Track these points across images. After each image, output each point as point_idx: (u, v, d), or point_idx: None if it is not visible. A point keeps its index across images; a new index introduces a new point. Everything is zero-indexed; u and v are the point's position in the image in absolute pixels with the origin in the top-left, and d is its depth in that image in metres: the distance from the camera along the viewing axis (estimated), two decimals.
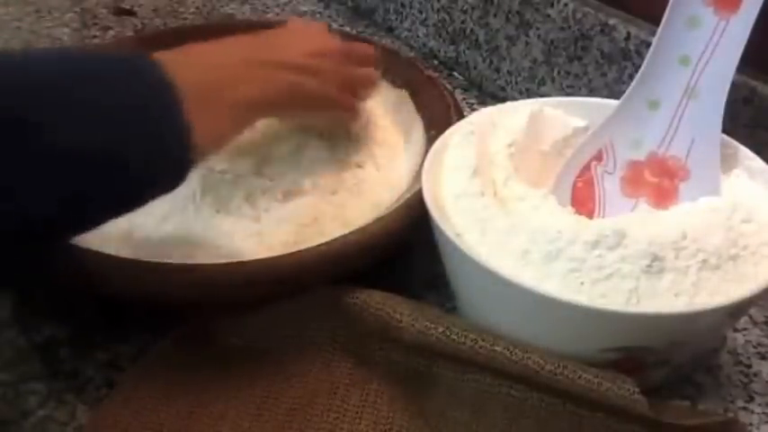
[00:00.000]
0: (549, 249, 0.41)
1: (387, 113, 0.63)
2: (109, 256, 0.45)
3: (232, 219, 0.52)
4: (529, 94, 0.69)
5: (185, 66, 0.41)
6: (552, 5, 0.64)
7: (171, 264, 0.46)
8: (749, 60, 0.45)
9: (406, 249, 0.52)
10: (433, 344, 0.43)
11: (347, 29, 0.84)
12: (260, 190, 0.53)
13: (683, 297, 0.40)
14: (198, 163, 0.41)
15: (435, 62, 0.79)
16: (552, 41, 0.65)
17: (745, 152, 0.48)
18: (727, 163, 0.48)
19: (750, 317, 0.51)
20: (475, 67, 0.75)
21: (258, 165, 0.54)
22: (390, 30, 0.84)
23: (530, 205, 0.46)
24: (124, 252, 0.47)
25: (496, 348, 0.42)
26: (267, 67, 0.48)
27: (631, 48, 0.59)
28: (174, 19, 0.87)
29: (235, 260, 0.46)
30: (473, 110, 0.67)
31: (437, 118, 0.58)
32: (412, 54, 0.80)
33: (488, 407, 0.43)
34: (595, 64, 0.62)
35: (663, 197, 0.49)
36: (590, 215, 0.50)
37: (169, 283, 0.45)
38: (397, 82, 0.64)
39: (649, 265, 0.40)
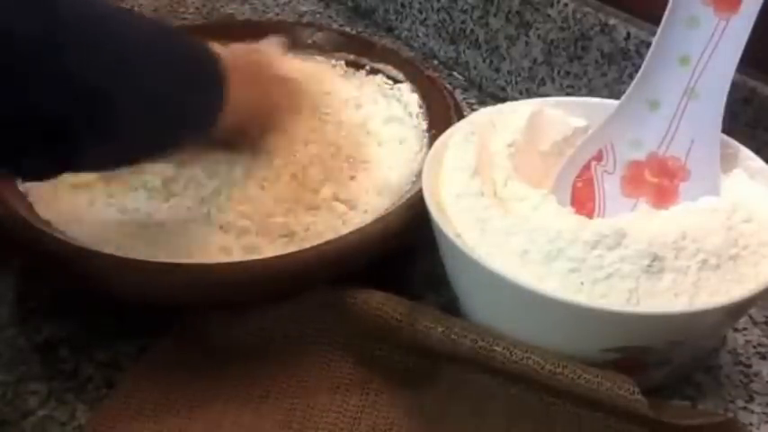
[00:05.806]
0: (549, 249, 0.41)
1: (386, 113, 0.62)
2: (109, 256, 0.45)
3: (233, 218, 0.52)
4: (529, 94, 0.69)
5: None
6: (552, 5, 0.64)
7: (171, 263, 0.46)
8: (749, 60, 0.45)
9: (406, 249, 0.52)
10: (433, 344, 0.43)
11: (347, 29, 0.84)
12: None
13: (683, 297, 0.40)
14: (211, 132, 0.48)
15: (435, 62, 0.79)
16: (552, 41, 0.65)
17: (745, 152, 0.48)
18: (727, 163, 0.48)
19: (750, 317, 0.51)
20: (475, 67, 0.75)
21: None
22: (390, 30, 0.84)
23: (529, 205, 0.46)
24: (124, 252, 0.47)
25: (496, 348, 0.42)
26: None
27: (631, 48, 0.59)
28: (174, 19, 0.86)
29: (235, 260, 0.46)
30: (473, 110, 0.67)
31: (437, 118, 0.58)
32: (412, 54, 0.79)
33: (488, 407, 0.43)
34: (595, 64, 0.62)
35: (663, 197, 0.49)
36: (590, 215, 0.50)
37: (169, 282, 0.45)
38: (397, 80, 0.64)
39: (649, 265, 0.40)
